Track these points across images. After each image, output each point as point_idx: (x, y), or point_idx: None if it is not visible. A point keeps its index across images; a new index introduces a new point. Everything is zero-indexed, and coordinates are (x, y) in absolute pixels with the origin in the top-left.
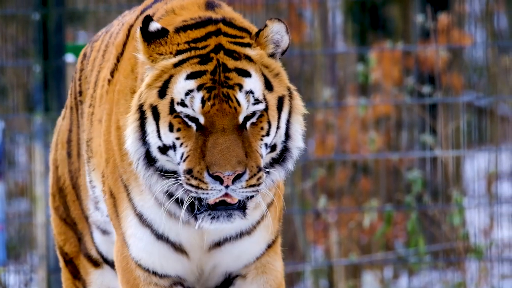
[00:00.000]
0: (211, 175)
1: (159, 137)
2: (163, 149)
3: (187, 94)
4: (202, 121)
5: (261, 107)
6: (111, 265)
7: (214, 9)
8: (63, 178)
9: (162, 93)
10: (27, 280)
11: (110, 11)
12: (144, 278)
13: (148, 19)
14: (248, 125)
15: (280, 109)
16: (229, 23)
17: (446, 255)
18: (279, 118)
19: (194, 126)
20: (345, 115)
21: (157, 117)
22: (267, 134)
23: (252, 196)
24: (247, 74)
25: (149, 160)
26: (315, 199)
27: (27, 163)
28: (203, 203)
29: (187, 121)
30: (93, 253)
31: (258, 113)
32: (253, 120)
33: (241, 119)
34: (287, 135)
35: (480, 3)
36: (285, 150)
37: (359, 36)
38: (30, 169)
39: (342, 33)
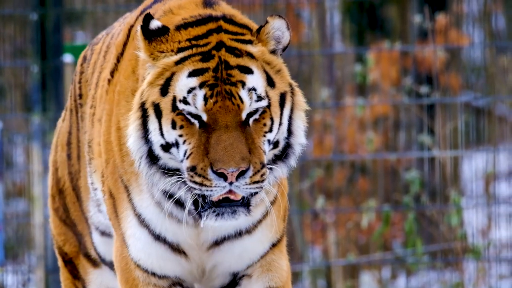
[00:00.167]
0: (215, 172)
1: (162, 135)
2: (166, 147)
3: (189, 91)
4: (204, 118)
5: (264, 103)
6: (109, 265)
7: (212, 7)
8: (63, 180)
9: (164, 90)
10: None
11: (108, 11)
12: (143, 278)
13: (148, 17)
14: (251, 121)
15: (282, 105)
16: (230, 20)
17: (444, 255)
18: (282, 114)
19: (197, 123)
20: (343, 115)
21: (159, 115)
22: (270, 130)
23: (256, 192)
24: (249, 71)
25: (152, 158)
26: (313, 199)
27: (25, 163)
28: (207, 200)
29: (189, 118)
30: (92, 253)
31: (260, 109)
32: (256, 116)
33: (244, 116)
34: (289, 132)
35: (478, 3)
36: (288, 146)
37: (357, 36)
38: (28, 169)
39: (340, 33)
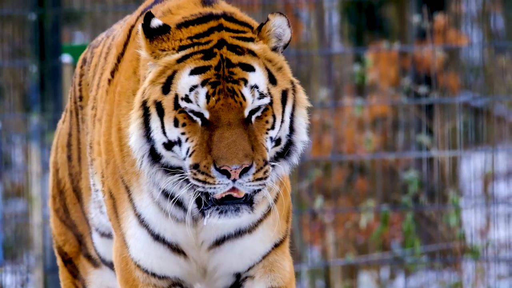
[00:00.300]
0: (218, 169)
1: (164, 133)
2: (168, 145)
3: (191, 89)
4: (207, 116)
5: (266, 101)
6: (110, 265)
7: (211, 5)
8: (64, 181)
9: (166, 89)
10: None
11: (106, 12)
12: (143, 279)
13: (149, 16)
14: (253, 119)
15: (284, 102)
16: (230, 18)
17: (442, 256)
18: (283, 111)
19: (199, 121)
20: (341, 115)
21: (161, 113)
22: (272, 127)
23: (259, 189)
24: (251, 68)
25: (154, 157)
26: (311, 199)
27: (23, 163)
28: (210, 198)
29: (192, 116)
30: (92, 253)
31: (263, 107)
32: (258, 114)
33: (246, 113)
34: (291, 129)
35: (476, 4)
36: (290, 144)
37: (355, 36)
38: (26, 170)
39: (338, 34)
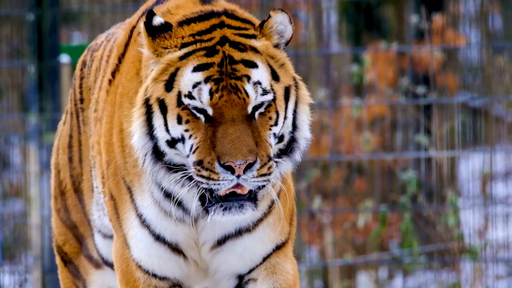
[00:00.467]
0: (222, 165)
1: (167, 130)
2: (172, 142)
3: (194, 86)
4: (210, 112)
5: (269, 97)
6: (112, 266)
7: (211, 3)
8: (65, 182)
9: (168, 86)
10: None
11: (104, 12)
12: (144, 280)
13: (151, 14)
14: (256, 115)
15: (287, 99)
16: (232, 15)
17: (440, 256)
18: (286, 108)
19: (202, 117)
20: (339, 115)
21: (164, 111)
22: (275, 124)
23: (263, 185)
24: (254, 65)
25: (157, 154)
26: (309, 199)
27: (21, 163)
28: (214, 195)
29: (195, 113)
30: (94, 254)
31: (266, 103)
32: (261, 110)
33: (249, 110)
34: (294, 126)
35: (474, 4)
36: (292, 140)
37: (353, 36)
38: (24, 170)
39: (336, 34)
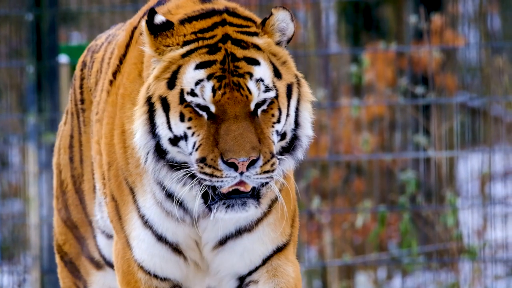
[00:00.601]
0: (225, 162)
1: (170, 128)
2: (174, 140)
3: (197, 83)
4: (213, 110)
5: (272, 94)
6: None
7: (211, 1)
8: (66, 182)
9: (171, 84)
10: (20, 280)
11: (103, 12)
12: (145, 280)
13: (152, 12)
14: (259, 112)
15: (289, 96)
16: (233, 13)
17: (439, 256)
18: (289, 105)
19: (205, 115)
20: (338, 116)
21: (167, 108)
22: (278, 121)
23: (266, 182)
24: (256, 62)
25: (159, 153)
26: (308, 199)
27: (20, 163)
28: (216, 192)
29: (198, 110)
30: (95, 255)
31: (268, 100)
32: (264, 107)
33: (252, 107)
34: (297, 123)
35: (473, 4)
36: (295, 138)
37: (352, 37)
38: (23, 170)
39: (335, 34)
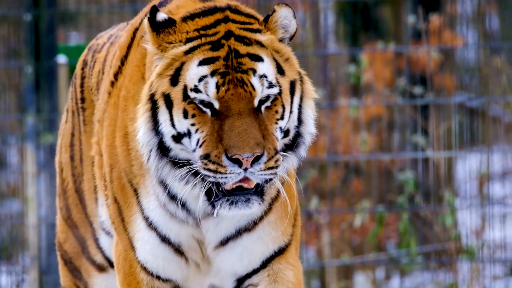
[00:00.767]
0: (229, 158)
1: (173, 125)
2: (177, 137)
3: (200, 80)
4: (217, 106)
5: (275, 90)
6: None
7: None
8: (67, 181)
9: (174, 80)
10: (19, 281)
11: (101, 12)
12: (147, 281)
13: (154, 10)
14: (262, 109)
15: (292, 93)
16: (236, 10)
17: (438, 256)
18: (292, 102)
19: (208, 111)
20: (337, 116)
21: (170, 105)
22: (282, 117)
23: (270, 179)
24: (259, 59)
25: (162, 150)
26: (307, 200)
27: (18, 164)
28: (220, 189)
29: (201, 107)
30: (97, 258)
31: (272, 96)
32: (268, 104)
33: (256, 103)
34: (300, 120)
35: (471, 4)
36: (298, 135)
37: (351, 37)
38: (21, 170)
39: (333, 34)
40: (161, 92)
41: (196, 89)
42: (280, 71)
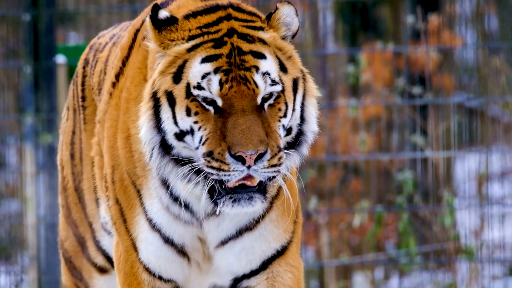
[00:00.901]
0: (233, 156)
1: (176, 123)
2: (180, 135)
3: (203, 77)
4: (220, 103)
5: (278, 88)
6: None
7: None
8: (67, 179)
9: (177, 78)
10: (17, 281)
11: (100, 12)
12: (148, 282)
13: (156, 7)
14: (266, 106)
15: (295, 91)
16: (238, 8)
17: (437, 256)
18: (295, 100)
19: (212, 109)
20: (335, 116)
21: (172, 103)
22: (285, 115)
23: (274, 176)
24: (262, 56)
25: (164, 148)
26: (305, 200)
27: (17, 164)
28: (223, 187)
29: (204, 104)
30: (98, 260)
31: (275, 94)
32: (271, 101)
33: (259, 100)
34: (302, 118)
35: (470, 4)
36: (300, 133)
37: (349, 37)
38: (20, 170)
39: (332, 34)
40: (163, 89)
41: (199, 87)
42: (282, 68)
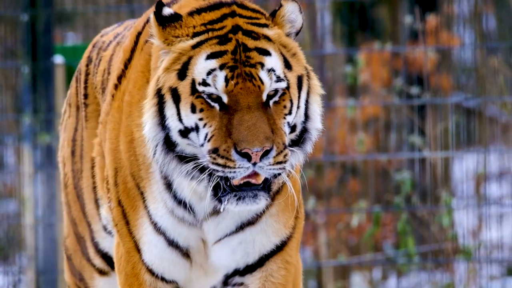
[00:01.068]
0: (238, 152)
1: (180, 120)
2: (184, 132)
3: (209, 73)
4: (225, 100)
5: (283, 85)
6: None
7: None
8: (67, 176)
9: (181, 75)
10: (15, 281)
11: (98, 12)
12: (149, 283)
13: (160, 4)
14: (271, 103)
15: (299, 88)
16: (242, 5)
17: (434, 256)
18: (299, 97)
19: (217, 106)
20: (334, 116)
21: (177, 100)
22: (290, 112)
23: (279, 174)
24: (267, 53)
25: (168, 145)
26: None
27: (15, 164)
28: (228, 184)
29: (209, 101)
30: (97, 262)
31: (280, 91)
32: (276, 98)
33: (264, 97)
34: (306, 116)
35: (468, 4)
36: (304, 131)
37: (347, 37)
38: (18, 170)
39: (330, 34)
40: (168, 86)
41: (204, 83)
42: (287, 65)
